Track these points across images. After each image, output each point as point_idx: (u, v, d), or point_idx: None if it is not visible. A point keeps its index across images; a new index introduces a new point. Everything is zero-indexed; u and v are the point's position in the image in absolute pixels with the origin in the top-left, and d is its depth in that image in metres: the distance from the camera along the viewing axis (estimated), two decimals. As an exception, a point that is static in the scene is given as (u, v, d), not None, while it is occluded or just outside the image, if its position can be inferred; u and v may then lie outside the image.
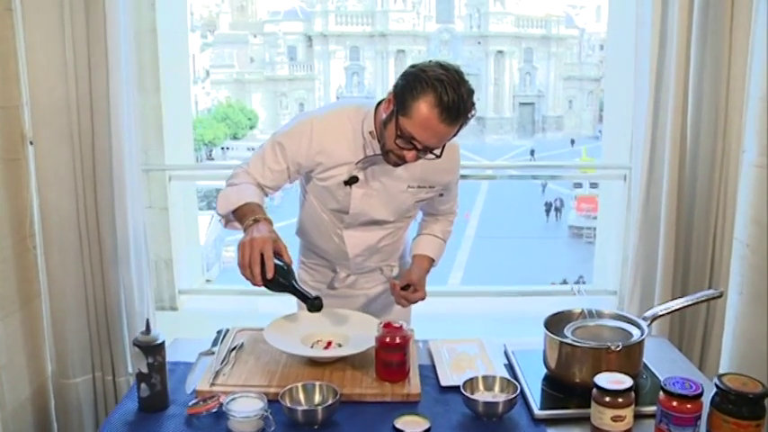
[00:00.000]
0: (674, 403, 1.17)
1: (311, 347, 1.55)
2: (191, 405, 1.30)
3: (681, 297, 2.26)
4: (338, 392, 1.30)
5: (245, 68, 42.17)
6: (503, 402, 1.30)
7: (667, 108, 2.25)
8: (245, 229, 1.48)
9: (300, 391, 1.33)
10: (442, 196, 1.78)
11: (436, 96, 1.41)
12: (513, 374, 1.50)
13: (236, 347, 1.58)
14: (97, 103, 2.17)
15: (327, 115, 1.65)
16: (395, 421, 1.26)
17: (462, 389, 1.34)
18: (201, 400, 1.32)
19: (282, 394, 1.30)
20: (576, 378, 1.40)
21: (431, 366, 1.55)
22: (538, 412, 1.35)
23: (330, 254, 1.83)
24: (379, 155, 1.57)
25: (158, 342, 1.34)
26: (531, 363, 1.53)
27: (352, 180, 1.62)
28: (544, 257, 20.54)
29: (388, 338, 1.42)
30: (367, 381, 1.44)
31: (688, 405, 1.16)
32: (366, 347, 1.48)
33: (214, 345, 1.60)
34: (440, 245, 1.87)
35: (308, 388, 1.34)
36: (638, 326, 1.47)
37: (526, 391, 1.42)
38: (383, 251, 1.83)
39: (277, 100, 41.28)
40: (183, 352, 1.61)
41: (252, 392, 1.28)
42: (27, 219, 2.19)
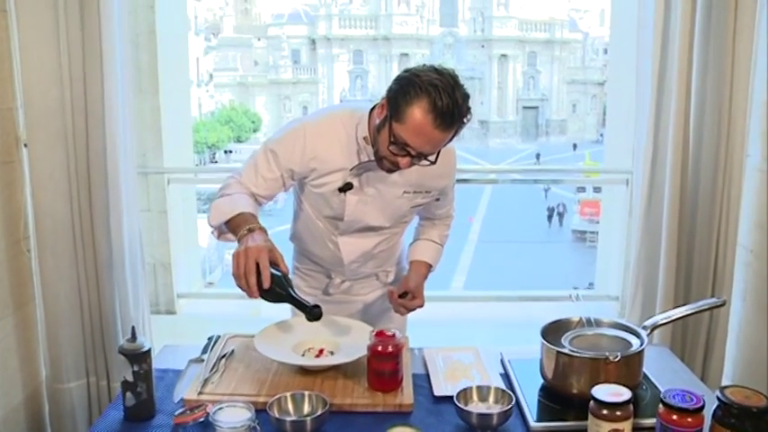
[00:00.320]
0: (675, 417, 1.14)
1: (302, 355, 1.52)
2: (177, 414, 1.27)
3: (683, 303, 2.25)
4: (328, 402, 1.27)
5: (248, 72, 42.29)
6: (497, 414, 1.27)
7: (669, 112, 2.22)
8: (239, 239, 1.45)
9: (289, 400, 1.30)
10: (438, 201, 1.76)
11: (430, 102, 1.38)
12: (509, 384, 1.47)
13: (227, 355, 1.55)
14: (92, 106, 2.15)
15: (320, 121, 1.62)
16: (386, 432, 1.22)
17: (456, 400, 1.30)
18: (189, 409, 1.29)
19: (270, 404, 1.27)
20: (574, 389, 1.36)
21: (425, 375, 1.52)
22: (534, 424, 1.31)
23: (325, 260, 1.80)
24: (374, 161, 1.54)
25: (144, 349, 1.31)
26: (527, 372, 1.49)
27: (346, 187, 1.59)
28: (547, 262, 20.48)
29: (380, 347, 1.39)
30: (358, 390, 1.41)
31: (689, 419, 1.13)
32: (358, 356, 1.44)
33: (204, 352, 1.57)
34: (437, 250, 1.84)
35: (297, 398, 1.31)
36: (637, 335, 1.43)
37: (522, 403, 1.38)
38: (379, 257, 1.80)
39: (281, 103, 41.37)
40: (173, 359, 1.58)
41: (239, 402, 1.25)
42: (21, 222, 2.17)
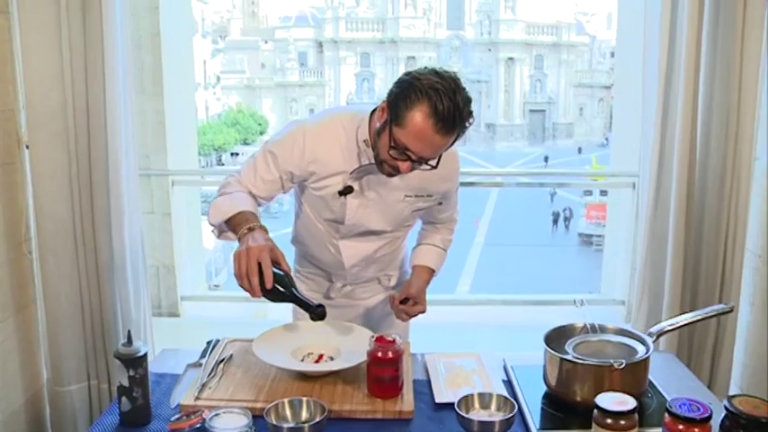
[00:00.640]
0: (681, 427, 1.11)
1: (301, 360, 1.50)
2: (173, 420, 1.25)
3: (690, 308, 2.22)
4: (326, 409, 1.25)
5: (255, 74, 42.43)
6: (499, 422, 1.24)
7: (676, 114, 2.20)
8: (239, 238, 1.43)
9: (287, 407, 1.28)
10: (441, 205, 1.73)
11: (431, 106, 1.36)
12: (512, 391, 1.45)
13: (225, 359, 1.53)
14: (93, 107, 2.15)
15: (321, 123, 1.60)
16: (386, 440, 1.20)
17: (457, 407, 1.27)
18: (185, 414, 1.27)
19: (267, 410, 1.24)
20: (578, 397, 1.33)
21: (426, 381, 1.50)
22: (537, 432, 1.29)
23: (326, 264, 1.78)
24: (374, 164, 1.51)
25: (140, 354, 1.29)
26: (530, 379, 1.47)
27: (346, 190, 1.57)
28: (554, 265, 20.43)
29: (379, 353, 1.36)
30: (358, 396, 1.39)
31: (695, 429, 1.10)
32: (358, 362, 1.42)
33: (203, 356, 1.55)
34: (440, 255, 1.82)
35: (295, 404, 1.28)
36: (643, 342, 1.41)
37: (524, 410, 1.36)
38: (380, 261, 1.78)
39: (287, 106, 41.46)
40: (171, 363, 1.57)
41: (236, 408, 1.22)
42: (22, 224, 2.17)
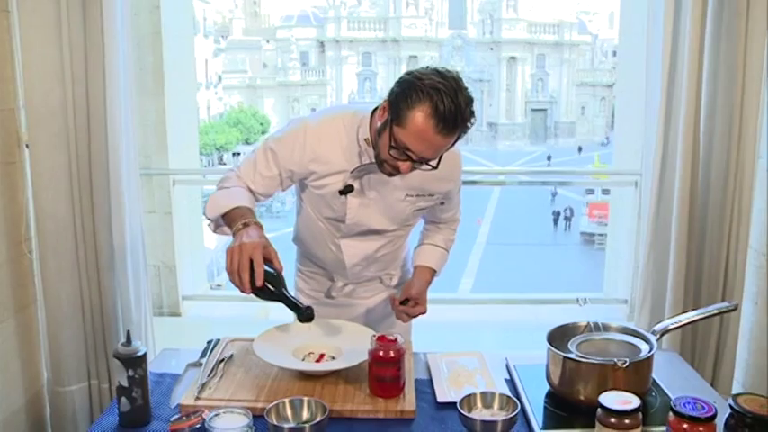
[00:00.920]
0: (685, 426, 1.10)
1: (302, 360, 1.49)
2: (173, 420, 1.24)
3: (693, 307, 2.21)
4: (327, 409, 1.24)
5: (257, 74, 42.42)
6: (502, 421, 1.23)
7: (679, 112, 2.19)
8: (234, 233, 1.42)
9: (288, 406, 1.27)
10: (443, 204, 1.72)
11: (432, 106, 1.34)
12: (515, 391, 1.44)
13: (225, 359, 1.52)
14: (94, 106, 2.14)
15: (321, 121, 1.59)
16: (387, 440, 1.19)
17: (459, 406, 1.27)
18: (185, 415, 1.26)
19: (268, 410, 1.23)
20: (581, 396, 1.32)
21: (428, 381, 1.49)
22: (540, 432, 1.28)
23: (327, 263, 1.77)
24: (375, 163, 1.50)
25: (139, 354, 1.28)
26: (533, 378, 1.46)
27: (347, 189, 1.56)
28: (556, 264, 20.41)
29: (381, 352, 1.35)
30: (360, 396, 1.38)
31: (700, 428, 1.09)
32: (359, 361, 1.41)
33: (203, 355, 1.54)
34: (442, 255, 1.81)
35: (296, 404, 1.28)
36: (646, 340, 1.40)
37: (527, 409, 1.35)
38: (382, 260, 1.77)
39: (289, 105, 41.45)
40: (171, 363, 1.56)
41: (237, 408, 1.22)
42: (22, 223, 2.16)
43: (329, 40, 42.20)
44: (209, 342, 1.60)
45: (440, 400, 1.40)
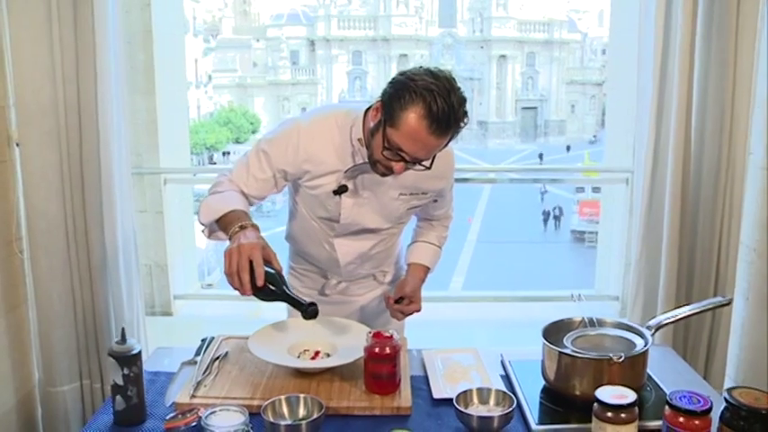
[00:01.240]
0: (681, 419, 1.10)
1: (298, 357, 1.49)
2: (168, 419, 1.23)
3: (685, 303, 2.22)
4: (323, 406, 1.24)
5: (247, 73, 42.28)
6: (498, 417, 1.24)
7: (671, 109, 2.20)
8: (230, 236, 1.41)
9: (284, 404, 1.27)
10: (436, 202, 1.72)
11: (425, 107, 1.34)
12: (510, 386, 1.44)
13: (220, 357, 1.51)
14: (85, 105, 2.13)
15: (314, 121, 1.58)
16: (384, 436, 1.19)
17: (455, 402, 1.27)
18: (180, 413, 1.25)
19: (264, 408, 1.23)
20: (577, 391, 1.33)
21: (423, 377, 1.49)
22: (535, 427, 1.28)
23: (321, 261, 1.77)
24: (368, 163, 1.50)
25: (134, 352, 1.27)
26: (529, 374, 1.46)
27: (341, 189, 1.56)
28: (547, 262, 20.47)
29: (377, 349, 1.35)
30: (355, 393, 1.38)
31: (696, 421, 1.10)
32: (355, 358, 1.41)
33: (197, 354, 1.53)
34: (435, 252, 1.81)
35: (292, 401, 1.27)
36: (641, 335, 1.40)
37: (523, 405, 1.35)
38: (376, 258, 1.77)
39: (279, 104, 41.35)
40: (165, 361, 1.55)
41: (233, 406, 1.21)
42: (13, 222, 2.15)
43: (319, 38, 42.12)
44: (203, 340, 1.60)
45: (436, 396, 1.40)
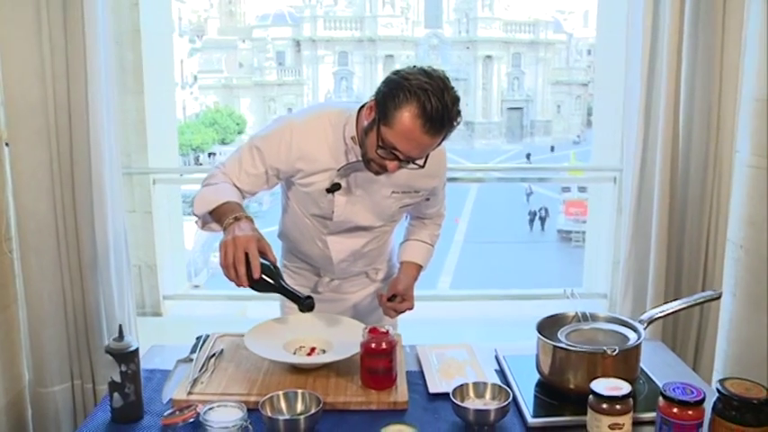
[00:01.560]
0: (675, 410, 1.12)
1: (294, 354, 1.49)
2: (166, 415, 1.23)
3: (674, 299, 2.24)
4: (321, 401, 1.24)
5: (233, 73, 42.09)
6: (494, 410, 1.25)
7: (659, 108, 2.22)
8: (225, 228, 1.41)
9: (282, 399, 1.27)
10: (428, 200, 1.73)
11: (419, 106, 1.35)
12: (505, 380, 1.45)
13: (216, 354, 1.52)
14: (75, 104, 2.12)
15: (308, 119, 1.59)
16: (382, 430, 1.20)
17: (452, 396, 1.28)
18: (178, 410, 1.25)
19: (263, 403, 1.24)
20: (571, 384, 1.34)
21: (419, 373, 1.50)
22: (531, 420, 1.30)
23: (314, 259, 1.77)
24: (361, 161, 1.51)
25: (132, 349, 1.27)
26: (523, 368, 1.48)
27: (334, 187, 1.57)
28: (534, 262, 20.55)
29: (373, 344, 1.36)
30: (352, 388, 1.39)
31: (689, 412, 1.12)
32: (351, 353, 1.42)
33: (193, 351, 1.53)
34: (428, 250, 1.82)
35: (290, 396, 1.28)
36: (634, 329, 1.42)
37: (519, 398, 1.36)
38: (368, 256, 1.78)
39: (266, 105, 41.20)
40: (160, 359, 1.55)
41: (230, 401, 1.21)
42: (3, 222, 2.13)
43: (305, 39, 42.02)
44: (198, 338, 1.60)
45: (432, 390, 1.41)
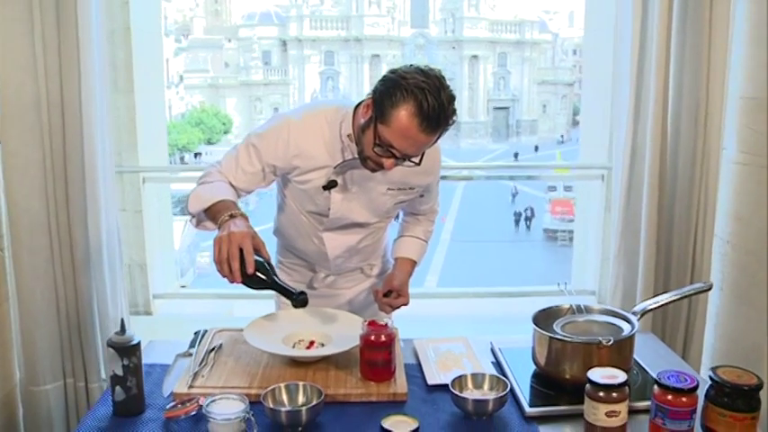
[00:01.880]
0: (669, 397, 1.15)
1: (293, 347, 1.50)
2: (168, 408, 1.24)
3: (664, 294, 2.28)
4: (322, 393, 1.26)
5: (219, 73, 41.94)
6: (493, 400, 1.27)
7: (648, 106, 2.25)
8: (219, 225, 1.41)
9: (283, 391, 1.29)
10: (422, 197, 1.75)
11: (416, 105, 1.36)
12: (502, 372, 1.47)
13: (215, 348, 1.52)
14: (68, 102, 2.11)
15: (305, 117, 1.60)
16: (382, 421, 1.22)
17: (451, 387, 1.30)
18: (179, 403, 1.26)
19: (265, 395, 1.25)
20: (567, 374, 1.37)
21: (416, 366, 1.52)
22: (529, 410, 1.32)
23: (309, 255, 1.79)
24: (358, 159, 1.52)
25: (134, 343, 1.28)
26: (519, 360, 1.50)
27: (330, 185, 1.58)
28: (520, 260, 20.66)
29: (372, 337, 1.38)
30: (351, 381, 1.40)
31: (683, 399, 1.14)
32: (350, 346, 1.43)
33: (192, 346, 1.54)
34: (422, 246, 1.84)
35: (292, 388, 1.29)
36: (627, 320, 1.45)
37: (516, 389, 1.38)
38: (364, 252, 1.79)
39: (252, 104, 41.11)
40: (158, 354, 1.55)
41: (232, 394, 1.23)
42: (-6, 220, 2.11)
43: (292, 38, 41.96)
44: (196, 333, 1.60)
45: (430, 382, 1.43)
